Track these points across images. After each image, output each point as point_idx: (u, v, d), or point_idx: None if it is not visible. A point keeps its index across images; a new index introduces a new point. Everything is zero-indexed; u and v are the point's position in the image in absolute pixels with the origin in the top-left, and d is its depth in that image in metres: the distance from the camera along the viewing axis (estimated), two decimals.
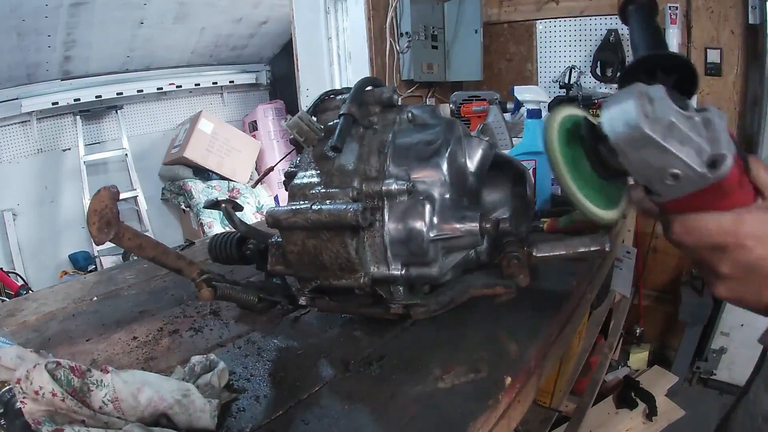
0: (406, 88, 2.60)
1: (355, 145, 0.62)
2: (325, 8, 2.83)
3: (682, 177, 0.42)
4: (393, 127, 0.65)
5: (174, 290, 0.93)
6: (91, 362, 0.67)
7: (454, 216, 0.58)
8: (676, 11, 2.16)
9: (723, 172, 0.41)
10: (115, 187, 0.52)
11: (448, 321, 0.69)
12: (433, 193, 0.59)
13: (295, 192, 0.63)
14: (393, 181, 0.58)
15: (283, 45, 4.29)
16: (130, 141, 3.89)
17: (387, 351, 0.65)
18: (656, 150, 0.42)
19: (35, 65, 3.30)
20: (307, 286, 0.65)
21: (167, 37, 3.71)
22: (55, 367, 0.46)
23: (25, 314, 0.86)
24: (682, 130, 0.41)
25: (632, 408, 2.02)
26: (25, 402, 0.44)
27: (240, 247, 0.75)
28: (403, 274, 0.59)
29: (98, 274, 1.12)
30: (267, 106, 4.41)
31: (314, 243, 0.60)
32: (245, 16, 3.87)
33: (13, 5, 2.79)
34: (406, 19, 2.46)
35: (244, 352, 0.68)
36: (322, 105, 0.70)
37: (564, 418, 1.72)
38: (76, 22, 3.14)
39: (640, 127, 0.41)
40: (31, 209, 3.54)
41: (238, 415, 0.55)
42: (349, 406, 0.55)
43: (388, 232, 0.58)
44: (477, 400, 0.54)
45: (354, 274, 0.60)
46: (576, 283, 0.83)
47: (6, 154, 3.42)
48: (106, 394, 0.47)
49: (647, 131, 0.41)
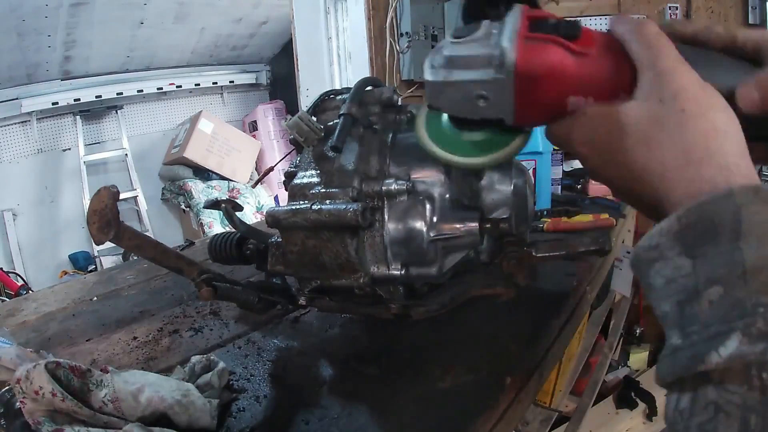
0: (406, 88, 2.61)
1: (355, 145, 0.62)
2: (325, 8, 2.83)
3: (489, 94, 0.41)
4: (393, 126, 0.65)
5: (174, 290, 0.93)
6: (91, 362, 0.68)
7: (454, 216, 0.58)
8: (676, 11, 2.16)
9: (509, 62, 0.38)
10: (115, 187, 0.52)
11: (448, 321, 0.69)
12: (433, 193, 0.59)
13: (294, 192, 0.63)
14: (393, 181, 0.58)
15: (283, 45, 4.29)
16: (130, 141, 3.89)
17: (387, 351, 0.65)
18: (450, 90, 0.42)
19: (35, 65, 3.31)
20: (307, 286, 0.65)
21: (167, 37, 3.72)
22: (55, 367, 0.46)
23: (25, 314, 0.86)
24: (461, 57, 0.41)
25: (632, 408, 2.02)
26: (25, 402, 0.44)
27: (240, 247, 0.75)
28: (402, 274, 0.59)
29: (98, 274, 1.12)
30: (267, 106, 4.41)
31: (314, 243, 0.60)
32: (245, 16, 3.87)
33: (13, 5, 2.79)
34: (406, 19, 2.46)
35: (244, 352, 0.68)
36: (322, 105, 0.70)
37: (564, 418, 1.72)
38: (76, 22, 3.14)
39: (428, 81, 0.43)
40: (31, 209, 3.54)
41: (238, 415, 0.55)
42: (349, 406, 0.55)
43: (387, 231, 0.58)
44: (477, 400, 0.54)
45: (354, 273, 0.60)
46: (576, 283, 0.83)
47: (6, 154, 3.42)
48: (106, 394, 0.47)
49: (431, 79, 0.43)
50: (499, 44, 0.39)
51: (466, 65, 0.41)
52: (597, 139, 0.35)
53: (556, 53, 0.38)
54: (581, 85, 0.38)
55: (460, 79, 0.41)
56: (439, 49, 0.43)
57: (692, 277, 0.27)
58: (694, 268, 0.27)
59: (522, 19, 0.39)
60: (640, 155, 0.32)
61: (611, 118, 0.34)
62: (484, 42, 0.41)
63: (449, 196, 0.60)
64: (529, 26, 0.39)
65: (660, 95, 0.32)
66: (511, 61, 0.38)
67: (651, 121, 0.32)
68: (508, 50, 0.38)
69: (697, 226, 0.27)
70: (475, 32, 0.41)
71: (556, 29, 0.38)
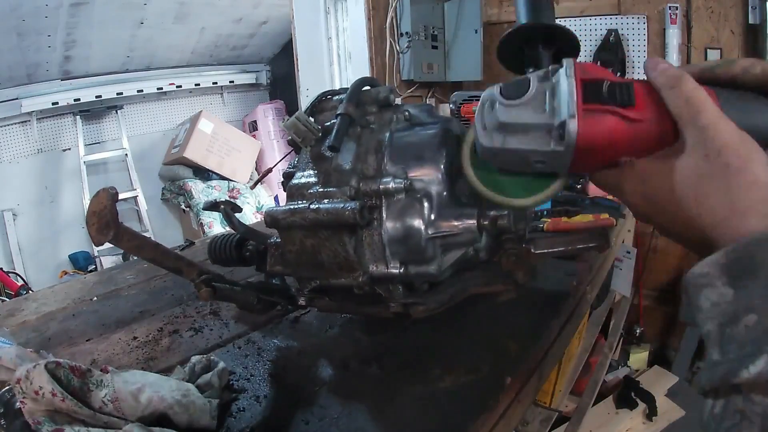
0: (406, 88, 2.60)
1: (352, 145, 0.62)
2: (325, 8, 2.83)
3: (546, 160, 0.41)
4: (390, 126, 0.65)
5: (174, 290, 0.93)
6: (91, 362, 0.68)
7: (452, 213, 0.58)
8: (676, 11, 2.16)
9: (571, 139, 0.38)
10: (114, 189, 0.52)
11: (448, 321, 0.69)
12: (430, 191, 0.59)
13: (293, 192, 0.63)
14: (390, 180, 0.58)
15: (283, 45, 4.29)
16: (130, 141, 3.89)
17: (387, 351, 0.65)
18: (506, 154, 0.42)
19: (35, 65, 3.31)
20: (307, 285, 0.65)
21: (167, 37, 3.72)
22: (55, 367, 0.46)
23: (25, 314, 0.86)
24: (518, 123, 0.41)
25: (632, 408, 2.02)
26: (25, 402, 0.44)
27: (239, 249, 0.75)
28: (401, 272, 0.59)
29: (98, 274, 1.12)
30: (267, 106, 4.41)
31: (312, 242, 0.60)
32: (245, 16, 3.87)
33: (13, 5, 2.79)
34: (406, 19, 2.46)
35: (244, 352, 0.68)
36: (319, 105, 0.70)
37: (564, 418, 1.71)
38: (76, 22, 3.14)
39: (481, 144, 0.43)
40: (31, 209, 3.54)
41: (238, 415, 0.55)
42: (349, 406, 0.55)
43: (386, 230, 0.58)
44: (477, 400, 0.54)
45: (352, 272, 0.60)
46: (576, 283, 0.83)
47: (6, 154, 3.42)
48: (106, 394, 0.47)
49: (486, 145, 0.42)
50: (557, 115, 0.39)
51: (524, 132, 0.41)
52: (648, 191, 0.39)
53: (614, 125, 0.38)
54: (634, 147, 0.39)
55: (517, 147, 0.42)
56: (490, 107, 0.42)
57: (733, 304, 0.31)
58: (735, 297, 0.31)
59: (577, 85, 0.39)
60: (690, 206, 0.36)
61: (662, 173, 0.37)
62: (538, 106, 0.40)
63: (447, 193, 0.60)
64: (585, 93, 0.38)
65: (705, 151, 0.35)
66: (572, 137, 0.38)
67: (699, 176, 0.35)
68: (569, 126, 0.38)
69: (741, 262, 0.32)
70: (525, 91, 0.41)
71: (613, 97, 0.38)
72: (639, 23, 2.30)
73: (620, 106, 0.38)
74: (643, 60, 2.30)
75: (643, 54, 2.31)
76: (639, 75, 2.32)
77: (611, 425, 1.96)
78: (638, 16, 2.30)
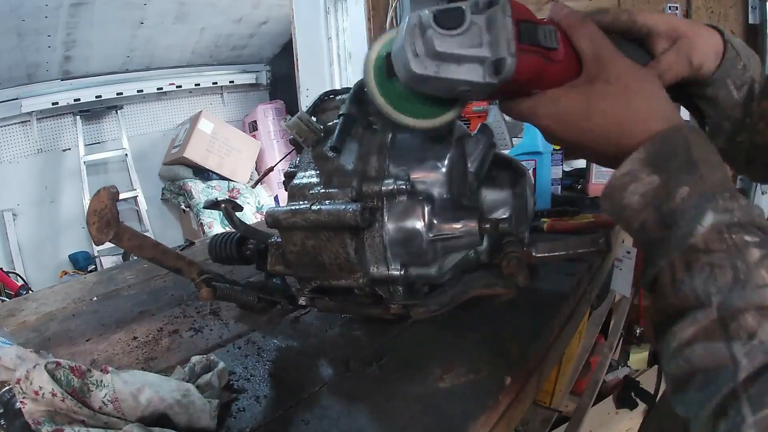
0: None
1: (354, 145, 0.62)
2: (325, 8, 2.83)
3: (473, 89, 0.44)
4: (392, 127, 0.65)
5: (174, 290, 0.93)
6: (91, 362, 0.68)
7: (454, 216, 0.58)
8: (676, 11, 2.16)
9: (506, 75, 0.41)
10: (115, 188, 0.52)
11: (448, 321, 0.69)
12: (432, 193, 0.59)
13: (294, 192, 0.63)
14: (392, 181, 0.58)
15: (283, 45, 4.29)
16: (130, 141, 3.89)
17: (387, 351, 0.65)
18: (436, 81, 0.43)
19: (35, 65, 3.31)
20: (307, 286, 0.65)
21: (167, 37, 3.72)
22: (55, 367, 0.46)
23: (25, 314, 0.86)
24: (454, 53, 0.42)
25: (632, 408, 2.02)
26: (24, 402, 0.44)
27: (240, 248, 0.75)
28: (402, 274, 0.59)
29: (98, 274, 1.12)
30: (267, 106, 4.41)
31: (313, 243, 0.60)
32: (245, 16, 3.87)
33: (13, 5, 2.79)
34: None
35: (244, 352, 0.68)
36: (321, 105, 0.70)
37: (564, 418, 1.72)
38: (76, 22, 3.14)
39: (412, 69, 0.43)
40: (31, 209, 3.54)
41: (238, 415, 0.55)
42: (349, 406, 0.55)
43: (387, 232, 0.58)
44: (477, 400, 0.54)
45: (353, 274, 0.60)
46: (576, 283, 0.83)
47: (6, 154, 3.42)
48: (106, 394, 0.47)
49: (418, 72, 0.43)
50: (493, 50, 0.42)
51: (457, 62, 0.42)
52: (560, 113, 0.44)
53: (541, 64, 0.43)
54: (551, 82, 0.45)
55: (450, 77, 0.43)
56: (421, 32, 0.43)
57: (663, 185, 0.37)
58: (662, 180, 0.37)
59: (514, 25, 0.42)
60: (599, 121, 0.42)
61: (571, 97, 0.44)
62: (474, 39, 0.42)
63: (448, 196, 0.60)
64: (519, 34, 0.42)
65: (606, 77, 0.43)
66: (508, 74, 0.41)
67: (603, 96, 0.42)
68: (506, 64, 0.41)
69: (659, 151, 0.38)
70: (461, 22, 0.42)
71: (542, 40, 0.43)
72: None
73: (547, 49, 0.43)
74: None
75: None
76: None
77: (611, 425, 1.96)
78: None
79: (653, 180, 0.37)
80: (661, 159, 0.38)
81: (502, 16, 0.42)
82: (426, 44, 0.42)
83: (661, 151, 0.38)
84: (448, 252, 0.61)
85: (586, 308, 1.15)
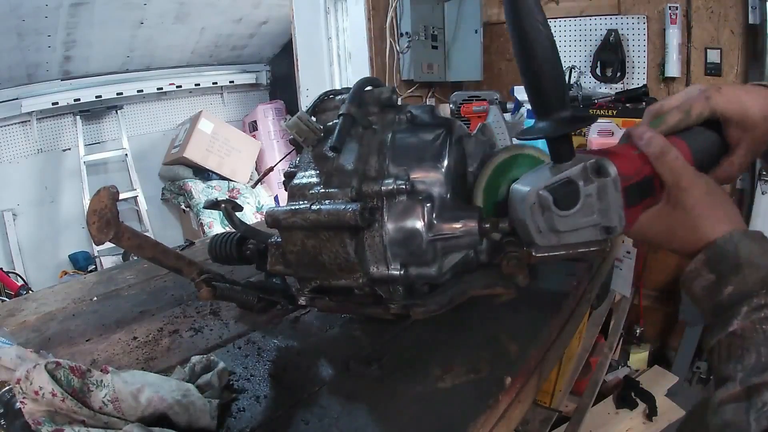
0: (406, 88, 2.60)
1: (354, 145, 0.62)
2: (325, 8, 2.83)
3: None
4: (392, 127, 0.65)
5: (174, 290, 0.93)
6: (91, 362, 0.68)
7: (453, 216, 0.58)
8: (676, 11, 2.16)
9: (616, 233, 0.50)
10: (115, 187, 0.52)
11: (448, 321, 0.69)
12: (432, 193, 0.59)
13: (294, 192, 0.63)
14: (392, 181, 0.58)
15: (283, 45, 4.28)
16: (130, 141, 3.88)
17: (387, 351, 0.65)
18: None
19: (35, 65, 3.30)
20: (307, 286, 0.65)
21: (167, 37, 3.71)
22: (55, 367, 0.46)
23: (25, 314, 0.86)
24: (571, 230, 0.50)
25: (632, 408, 2.02)
26: (25, 402, 0.44)
27: (240, 248, 0.75)
28: (402, 274, 0.59)
29: (98, 274, 1.12)
30: (267, 106, 4.41)
31: (313, 243, 0.60)
32: (245, 16, 3.87)
33: (13, 5, 2.79)
34: (406, 19, 2.46)
35: (244, 352, 0.68)
36: (321, 105, 0.70)
37: (564, 418, 1.72)
38: (76, 22, 3.14)
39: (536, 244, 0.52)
40: (31, 209, 3.54)
41: (238, 415, 0.55)
42: (349, 406, 0.55)
43: (387, 231, 0.58)
44: (477, 400, 0.54)
45: (353, 273, 0.60)
46: (576, 283, 0.83)
47: (6, 154, 3.42)
48: (106, 394, 0.47)
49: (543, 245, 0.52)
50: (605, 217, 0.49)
51: (576, 230, 0.50)
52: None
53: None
54: None
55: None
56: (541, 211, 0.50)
57: (716, 283, 0.48)
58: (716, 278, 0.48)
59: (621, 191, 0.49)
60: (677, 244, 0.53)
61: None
62: (588, 211, 0.49)
63: (448, 196, 0.60)
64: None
65: (683, 205, 0.52)
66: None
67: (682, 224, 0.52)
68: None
69: (715, 254, 0.49)
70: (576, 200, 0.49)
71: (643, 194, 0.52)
72: (639, 23, 2.30)
73: (646, 198, 0.52)
74: (643, 60, 2.29)
75: (644, 54, 2.31)
76: (639, 75, 2.32)
77: (611, 425, 1.96)
78: (638, 16, 2.30)
79: (711, 277, 0.49)
80: (716, 261, 0.49)
81: (613, 190, 0.49)
82: (547, 222, 0.50)
83: (716, 254, 0.49)
84: (448, 252, 0.61)
85: (586, 308, 1.15)
